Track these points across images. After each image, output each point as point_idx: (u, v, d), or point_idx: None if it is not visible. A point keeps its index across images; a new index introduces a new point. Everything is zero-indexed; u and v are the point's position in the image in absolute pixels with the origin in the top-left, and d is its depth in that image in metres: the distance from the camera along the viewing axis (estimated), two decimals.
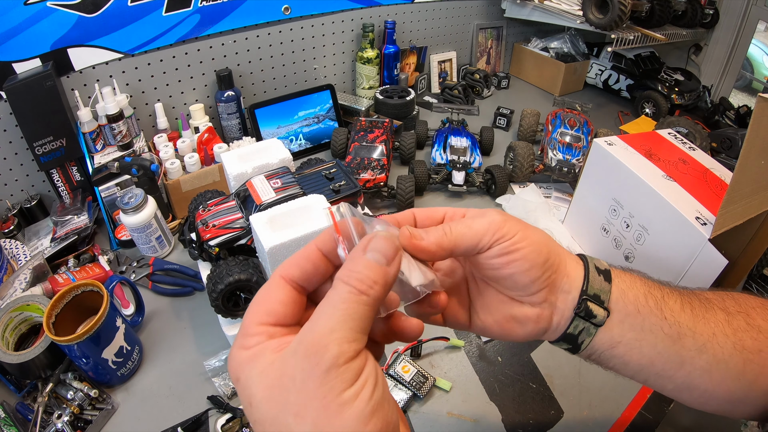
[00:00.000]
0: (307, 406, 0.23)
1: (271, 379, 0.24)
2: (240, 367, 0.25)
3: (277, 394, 0.23)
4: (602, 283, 0.34)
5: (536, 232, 0.33)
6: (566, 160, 1.01)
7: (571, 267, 0.35)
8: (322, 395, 0.23)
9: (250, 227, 0.67)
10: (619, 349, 0.35)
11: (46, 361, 0.61)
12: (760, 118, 0.55)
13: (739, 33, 1.44)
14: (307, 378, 0.23)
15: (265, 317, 0.27)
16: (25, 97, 0.80)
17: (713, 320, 0.35)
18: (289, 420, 0.23)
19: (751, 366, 0.35)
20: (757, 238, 0.70)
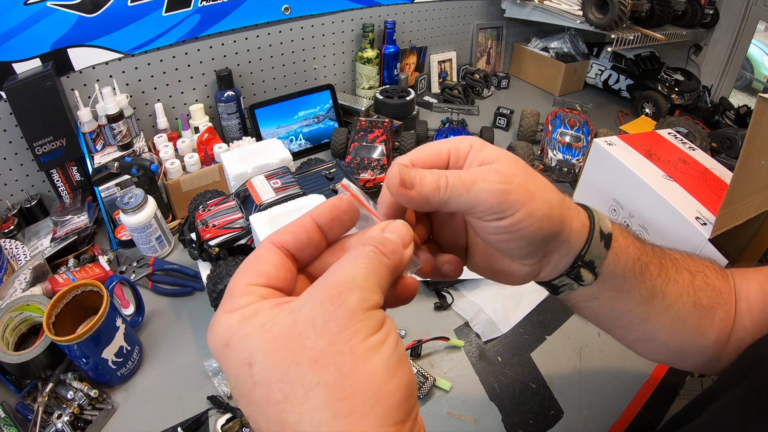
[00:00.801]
0: (329, 351, 0.20)
1: (278, 329, 0.21)
2: (230, 330, 0.22)
3: (288, 343, 0.21)
4: (601, 249, 0.33)
5: (544, 202, 0.30)
6: (566, 160, 1.01)
7: (575, 231, 0.32)
8: (346, 338, 0.20)
9: (250, 227, 0.67)
10: (593, 302, 0.37)
11: (46, 361, 0.60)
12: (760, 118, 0.55)
13: (739, 33, 1.44)
14: (329, 320, 0.21)
15: (255, 278, 0.24)
16: (25, 97, 0.80)
17: (681, 281, 0.37)
18: (306, 370, 0.20)
19: (703, 321, 0.38)
20: (757, 238, 0.70)
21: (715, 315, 0.38)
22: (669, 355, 0.40)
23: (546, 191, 0.31)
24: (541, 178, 0.32)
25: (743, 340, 0.39)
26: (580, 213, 0.33)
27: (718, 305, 0.39)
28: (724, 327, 0.39)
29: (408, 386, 0.22)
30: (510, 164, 0.30)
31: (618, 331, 0.39)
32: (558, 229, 0.31)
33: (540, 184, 0.31)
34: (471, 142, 0.32)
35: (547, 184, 0.32)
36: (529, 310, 0.76)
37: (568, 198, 0.33)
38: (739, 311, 0.40)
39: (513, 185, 0.29)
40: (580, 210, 0.34)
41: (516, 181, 0.29)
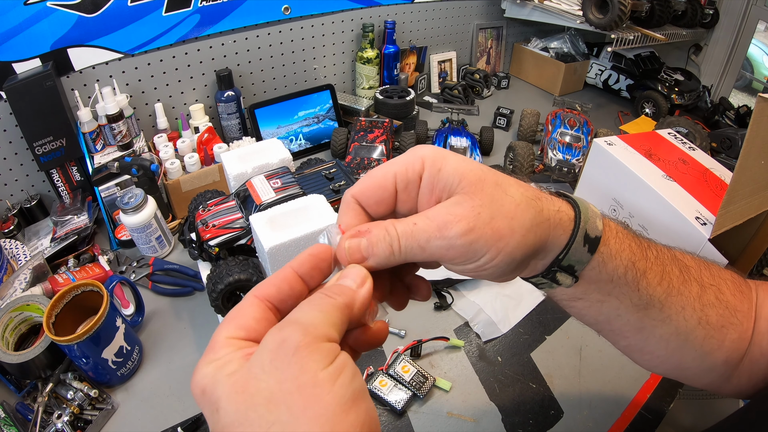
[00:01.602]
0: (279, 389, 0.21)
1: (238, 375, 0.22)
2: (204, 378, 0.23)
3: (246, 386, 0.21)
4: (583, 254, 0.30)
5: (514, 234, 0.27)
6: (566, 160, 1.01)
7: (554, 239, 0.30)
8: (293, 376, 0.21)
9: (250, 227, 0.67)
10: (579, 303, 0.34)
11: (46, 361, 0.60)
12: (760, 118, 0.55)
13: (739, 33, 1.44)
14: (275, 359, 0.21)
15: (235, 331, 0.24)
16: (25, 97, 0.80)
17: (687, 293, 0.34)
18: (261, 410, 0.20)
19: (710, 341, 0.34)
20: (757, 238, 0.70)
21: (725, 335, 0.34)
22: (667, 369, 0.37)
23: (517, 217, 0.27)
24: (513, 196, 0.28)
25: (758, 363, 0.35)
26: (563, 218, 0.30)
27: (731, 325, 0.35)
28: (736, 349, 0.35)
29: (366, 423, 0.21)
30: (473, 192, 0.27)
31: (608, 335, 0.37)
32: (534, 251, 0.29)
33: (509, 209, 0.27)
34: (422, 158, 0.28)
35: (520, 204, 0.28)
36: (529, 310, 0.76)
37: (552, 200, 0.30)
38: (758, 331, 0.36)
39: (475, 231, 0.26)
40: (566, 212, 0.31)
41: (480, 221, 0.26)
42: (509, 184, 0.29)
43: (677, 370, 0.37)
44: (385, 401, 0.61)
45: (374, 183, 0.29)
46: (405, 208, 0.30)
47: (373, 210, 0.30)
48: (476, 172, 0.28)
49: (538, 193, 0.30)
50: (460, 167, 0.28)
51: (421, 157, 0.28)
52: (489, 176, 0.28)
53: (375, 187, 0.29)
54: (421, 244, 0.27)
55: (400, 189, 0.29)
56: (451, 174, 0.27)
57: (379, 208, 0.30)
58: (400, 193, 0.29)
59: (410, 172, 0.28)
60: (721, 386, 0.38)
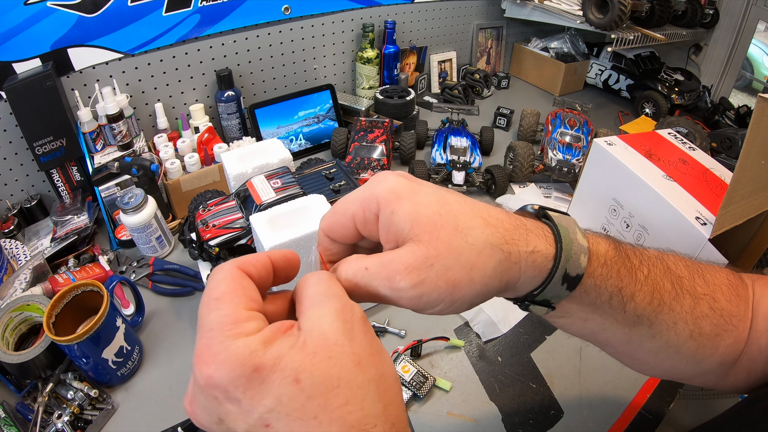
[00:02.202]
0: (364, 353, 0.23)
1: (312, 344, 0.22)
2: (255, 354, 0.21)
3: (330, 353, 0.22)
4: (561, 291, 0.29)
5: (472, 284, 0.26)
6: (566, 160, 1.01)
7: (526, 280, 0.28)
8: (369, 341, 0.24)
9: (250, 227, 0.67)
10: (561, 320, 0.34)
11: (46, 361, 0.60)
12: (760, 118, 0.55)
13: (739, 33, 1.44)
14: (351, 327, 0.24)
15: (249, 303, 0.24)
16: (25, 97, 0.80)
17: (678, 309, 0.33)
18: (354, 372, 0.22)
19: (703, 350, 0.34)
20: (757, 238, 0.70)
21: (719, 343, 0.34)
22: (659, 374, 0.37)
23: (477, 266, 0.26)
24: (472, 238, 0.26)
25: (755, 361, 0.35)
26: (537, 258, 0.28)
27: (725, 332, 0.34)
28: (731, 352, 0.35)
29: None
30: (427, 240, 0.26)
31: (595, 344, 0.36)
32: (499, 292, 0.29)
33: (470, 256, 0.26)
34: (377, 199, 0.27)
35: (484, 250, 0.26)
36: None
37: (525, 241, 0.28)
38: (755, 329, 0.35)
39: (426, 284, 0.26)
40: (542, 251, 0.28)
41: (432, 273, 0.25)
42: (472, 227, 0.26)
43: (669, 375, 0.37)
44: None
45: (336, 222, 0.30)
46: (374, 238, 0.29)
47: (341, 241, 0.31)
48: (431, 218, 0.26)
49: (509, 235, 0.27)
50: (413, 211, 0.26)
51: (376, 198, 0.27)
52: (446, 221, 0.26)
53: (337, 226, 0.30)
54: (371, 291, 0.27)
55: (360, 228, 0.29)
56: (402, 219, 0.26)
57: (346, 240, 0.31)
58: (361, 231, 0.29)
59: (366, 212, 0.28)
60: (717, 383, 0.37)
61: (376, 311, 0.74)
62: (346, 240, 0.30)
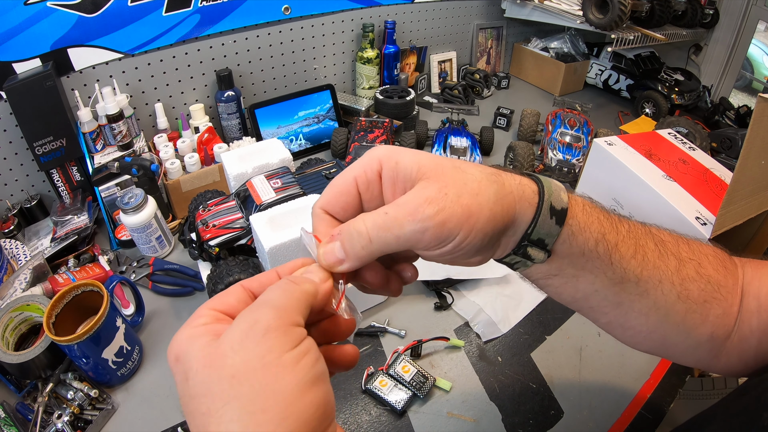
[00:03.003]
0: (244, 367, 0.22)
1: (209, 350, 0.23)
2: (180, 345, 0.25)
3: (214, 361, 0.23)
4: (552, 226, 0.31)
5: (482, 208, 0.28)
6: (566, 160, 1.01)
7: (521, 213, 0.30)
8: (260, 355, 0.22)
9: (250, 227, 0.67)
10: (554, 280, 0.34)
11: (46, 361, 0.60)
12: (760, 118, 0.55)
13: (739, 33, 1.44)
14: (245, 339, 0.23)
15: (217, 304, 0.27)
16: (25, 97, 0.80)
17: (663, 267, 0.34)
18: (224, 385, 0.22)
19: (692, 315, 0.34)
20: (757, 238, 0.70)
21: (708, 311, 0.34)
22: (651, 346, 0.37)
23: (482, 193, 0.28)
24: (473, 175, 0.29)
25: (747, 341, 0.35)
26: (526, 191, 0.31)
27: (714, 300, 0.34)
28: (722, 325, 0.35)
29: (323, 405, 0.23)
30: (435, 176, 0.28)
31: (588, 312, 0.37)
32: (504, 224, 0.30)
33: (473, 186, 0.28)
34: (378, 158, 0.29)
35: (482, 182, 0.28)
36: (529, 310, 0.76)
37: (512, 176, 0.31)
38: (746, 309, 0.35)
39: (446, 210, 0.27)
40: (529, 185, 0.31)
41: (448, 200, 0.27)
42: (467, 165, 0.30)
43: (662, 347, 0.37)
44: (385, 401, 0.61)
45: (337, 191, 0.30)
46: (371, 207, 0.30)
47: (342, 216, 0.31)
48: (433, 159, 0.29)
49: (497, 170, 0.31)
50: (416, 157, 0.29)
51: (377, 157, 0.29)
52: (446, 161, 0.29)
53: (338, 194, 0.30)
54: (394, 232, 0.27)
55: (363, 191, 0.30)
56: (408, 164, 0.29)
57: (346, 214, 0.31)
58: (363, 194, 0.30)
59: (369, 172, 0.29)
60: (710, 363, 0.37)
61: (376, 311, 0.74)
62: (346, 211, 0.31)
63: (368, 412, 0.61)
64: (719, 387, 0.86)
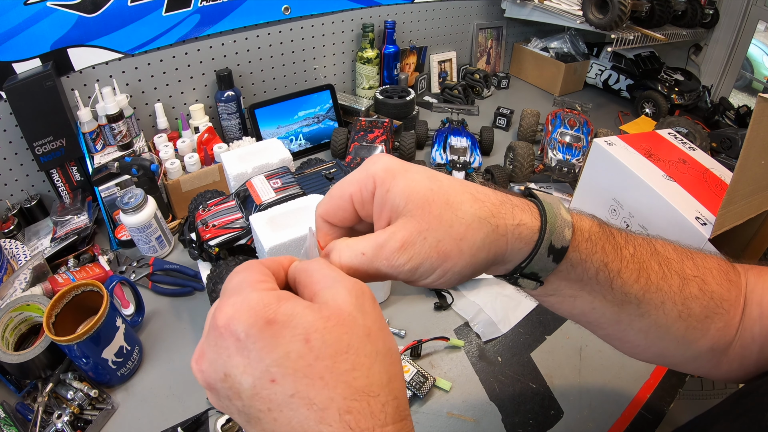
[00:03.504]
0: (375, 327, 0.24)
1: (327, 310, 0.24)
2: (269, 307, 0.23)
3: (343, 321, 0.23)
4: (548, 263, 0.30)
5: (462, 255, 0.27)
6: (566, 160, 1.01)
7: (514, 252, 0.30)
8: (378, 319, 0.25)
9: (250, 227, 0.67)
10: (550, 298, 0.34)
11: (46, 361, 0.60)
12: (760, 118, 0.55)
13: (739, 33, 1.44)
14: (364, 303, 0.25)
15: (269, 272, 0.27)
16: (25, 97, 0.80)
17: (666, 288, 0.33)
18: (365, 341, 0.24)
19: (692, 332, 0.34)
20: (757, 238, 0.70)
21: (709, 325, 0.34)
22: (649, 357, 0.37)
23: (466, 238, 0.27)
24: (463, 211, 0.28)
25: (749, 348, 0.35)
26: (524, 231, 0.29)
27: (716, 315, 0.34)
28: (722, 336, 0.35)
29: None
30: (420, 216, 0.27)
31: (586, 325, 0.37)
32: (486, 265, 0.29)
33: (459, 230, 0.27)
34: (373, 179, 0.29)
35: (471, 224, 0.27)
36: (529, 310, 0.76)
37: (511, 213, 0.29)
38: (749, 316, 0.35)
39: (419, 256, 0.27)
40: (528, 224, 0.29)
41: (425, 246, 0.27)
42: (461, 202, 0.28)
43: (661, 358, 0.37)
44: None
45: (335, 204, 0.31)
46: (370, 219, 0.31)
47: (340, 224, 0.32)
48: (423, 193, 0.28)
49: (496, 209, 0.29)
50: (408, 188, 0.28)
51: (372, 176, 0.29)
52: (438, 197, 0.28)
53: (336, 208, 0.31)
54: (370, 272, 0.28)
55: (358, 208, 0.30)
56: (397, 195, 0.28)
57: (344, 223, 0.32)
58: (359, 210, 0.30)
59: (364, 192, 0.29)
60: (710, 371, 0.37)
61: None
62: (344, 223, 0.31)
63: None
64: (719, 387, 0.86)
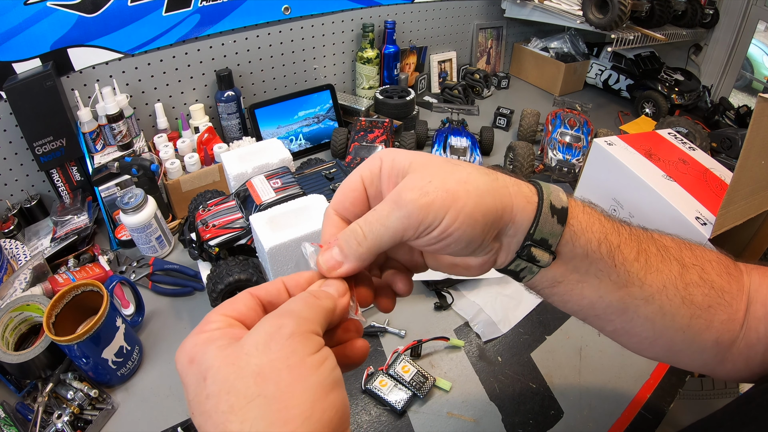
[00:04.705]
0: (270, 366, 0.23)
1: (230, 350, 0.24)
2: (195, 348, 0.25)
3: (237, 360, 0.23)
4: (554, 225, 0.31)
5: (469, 195, 0.28)
6: (566, 160, 1.01)
7: (518, 208, 0.30)
8: (285, 356, 0.23)
9: (250, 227, 0.67)
10: (559, 287, 0.34)
11: (46, 361, 0.60)
12: (760, 118, 0.55)
13: (739, 33, 1.44)
14: (269, 341, 0.24)
15: (228, 311, 0.27)
16: (25, 97, 0.80)
17: (666, 272, 0.34)
18: (249, 382, 0.22)
19: (697, 321, 0.34)
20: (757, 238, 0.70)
21: (713, 316, 0.34)
22: (657, 352, 0.37)
23: (470, 181, 0.29)
24: (463, 168, 0.30)
25: (754, 348, 0.35)
26: (524, 189, 0.31)
27: (719, 305, 0.34)
28: (727, 330, 0.35)
29: (341, 408, 0.24)
30: (423, 168, 0.30)
31: (594, 321, 0.37)
32: (495, 215, 0.30)
33: (461, 175, 0.29)
34: (380, 157, 0.32)
35: (471, 173, 0.30)
36: (529, 310, 0.76)
37: (509, 177, 0.32)
38: (754, 316, 0.35)
39: (430, 195, 0.28)
40: (526, 186, 0.32)
41: (432, 186, 0.28)
42: (461, 162, 0.31)
43: (667, 353, 0.37)
44: (385, 401, 0.61)
45: (347, 187, 0.33)
46: (376, 203, 0.32)
47: (351, 214, 0.33)
48: (426, 156, 0.31)
49: (494, 173, 0.31)
50: (410, 155, 0.31)
51: (379, 157, 0.32)
52: (439, 158, 0.31)
53: (348, 191, 0.33)
54: (383, 222, 0.29)
55: (368, 186, 0.32)
56: (402, 161, 0.31)
57: (356, 210, 0.33)
58: (368, 189, 0.32)
59: (372, 169, 0.32)
60: (715, 369, 0.37)
61: (376, 311, 0.74)
62: (355, 206, 0.33)
63: (368, 412, 0.61)
64: (719, 387, 0.86)
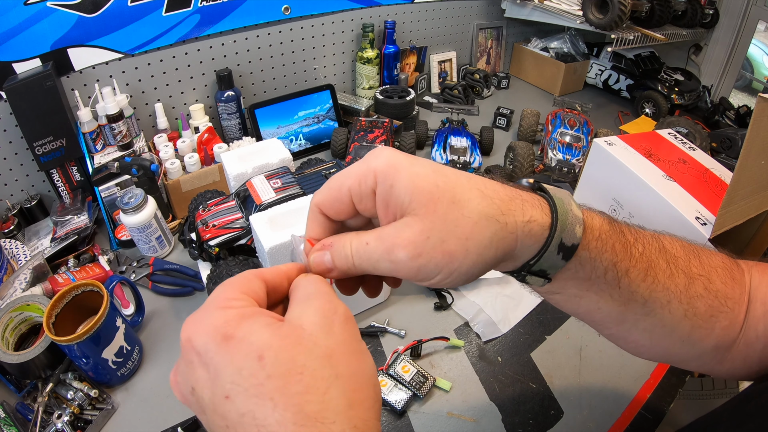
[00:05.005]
0: (340, 349, 0.23)
1: (287, 329, 0.23)
2: (229, 324, 0.23)
3: (301, 341, 0.23)
4: (557, 260, 0.29)
5: (468, 255, 0.26)
6: (566, 160, 1.01)
7: (524, 248, 0.28)
8: (348, 340, 0.24)
9: (250, 227, 0.67)
10: (555, 297, 0.34)
11: (46, 361, 0.60)
12: (760, 118, 0.55)
13: (739, 33, 1.44)
14: (331, 323, 0.24)
15: (246, 290, 0.26)
16: (25, 97, 0.80)
17: (672, 287, 0.33)
18: (324, 363, 0.22)
19: (698, 331, 0.34)
20: (757, 238, 0.70)
21: (714, 324, 0.34)
22: (653, 356, 0.37)
23: (473, 237, 0.26)
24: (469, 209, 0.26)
25: (752, 346, 0.35)
26: (534, 228, 0.28)
27: (721, 314, 0.34)
28: (727, 335, 0.35)
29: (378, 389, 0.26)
30: (424, 214, 0.26)
31: (590, 324, 0.36)
32: (494, 263, 0.28)
33: (465, 229, 0.26)
34: (375, 175, 0.27)
35: (479, 222, 0.26)
36: (529, 310, 0.76)
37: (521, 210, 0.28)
38: (753, 314, 0.35)
39: (423, 257, 0.26)
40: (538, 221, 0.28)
41: (429, 245, 0.26)
42: (468, 199, 0.27)
43: (665, 357, 0.37)
44: (385, 401, 0.61)
45: (331, 196, 0.30)
46: (367, 213, 0.30)
47: (336, 218, 0.31)
48: (428, 189, 0.26)
49: (506, 206, 0.28)
50: (412, 183, 0.27)
51: (373, 171, 0.27)
52: (443, 193, 0.26)
53: (332, 200, 0.30)
54: (372, 263, 0.28)
55: (356, 201, 0.29)
56: (402, 192, 0.27)
57: (340, 216, 0.31)
58: (357, 205, 0.29)
59: (363, 186, 0.28)
60: (713, 368, 0.37)
61: (376, 311, 0.74)
62: (339, 216, 0.30)
63: None
64: (719, 387, 0.86)
